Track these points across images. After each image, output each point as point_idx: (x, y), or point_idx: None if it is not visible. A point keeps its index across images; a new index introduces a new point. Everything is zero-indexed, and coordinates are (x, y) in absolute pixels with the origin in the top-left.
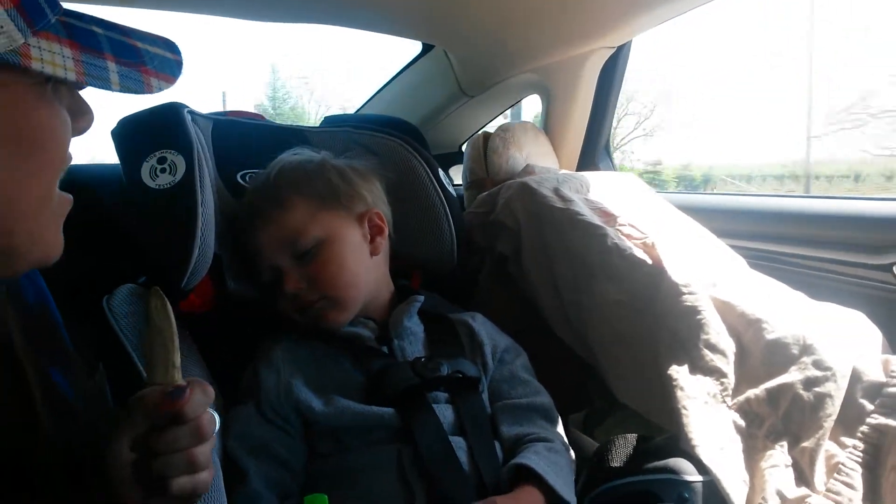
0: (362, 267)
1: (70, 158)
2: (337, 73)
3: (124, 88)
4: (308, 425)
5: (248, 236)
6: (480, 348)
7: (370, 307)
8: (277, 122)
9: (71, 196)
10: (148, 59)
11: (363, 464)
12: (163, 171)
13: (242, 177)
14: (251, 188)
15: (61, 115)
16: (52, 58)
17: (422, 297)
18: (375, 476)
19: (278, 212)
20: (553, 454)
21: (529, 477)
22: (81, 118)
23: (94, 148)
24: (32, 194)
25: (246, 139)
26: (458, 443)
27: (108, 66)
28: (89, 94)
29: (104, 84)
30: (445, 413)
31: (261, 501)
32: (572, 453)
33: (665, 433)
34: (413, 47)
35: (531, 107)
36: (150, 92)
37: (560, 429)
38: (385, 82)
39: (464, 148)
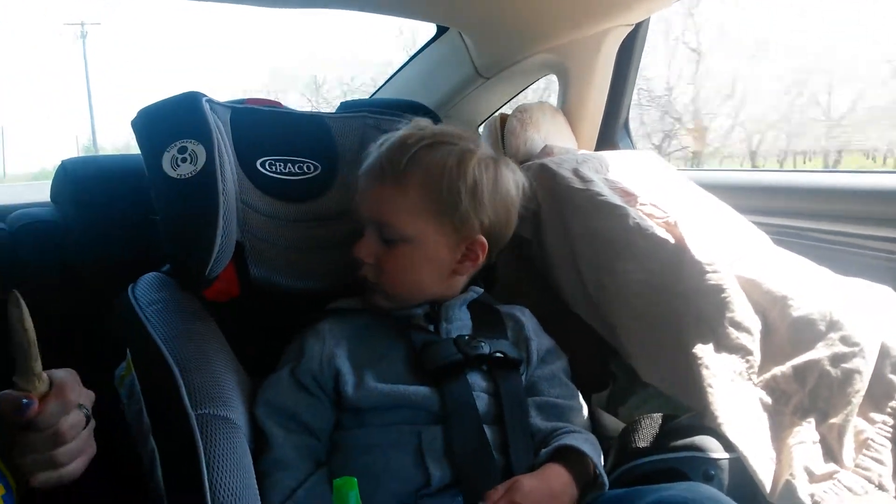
0: (433, 280)
1: None
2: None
3: None
4: (338, 397)
5: (361, 177)
6: (526, 343)
7: (430, 300)
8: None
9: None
10: None
11: (380, 441)
12: (184, 160)
13: (262, 164)
14: (394, 138)
15: None
16: None
17: (479, 290)
18: (392, 454)
19: (393, 187)
20: (589, 444)
21: (560, 456)
22: None
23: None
24: None
25: (264, 127)
26: (491, 433)
27: None
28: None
29: None
30: (483, 401)
31: (290, 468)
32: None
33: (690, 411)
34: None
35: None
36: None
37: (589, 428)
38: (400, 66)
39: (480, 130)
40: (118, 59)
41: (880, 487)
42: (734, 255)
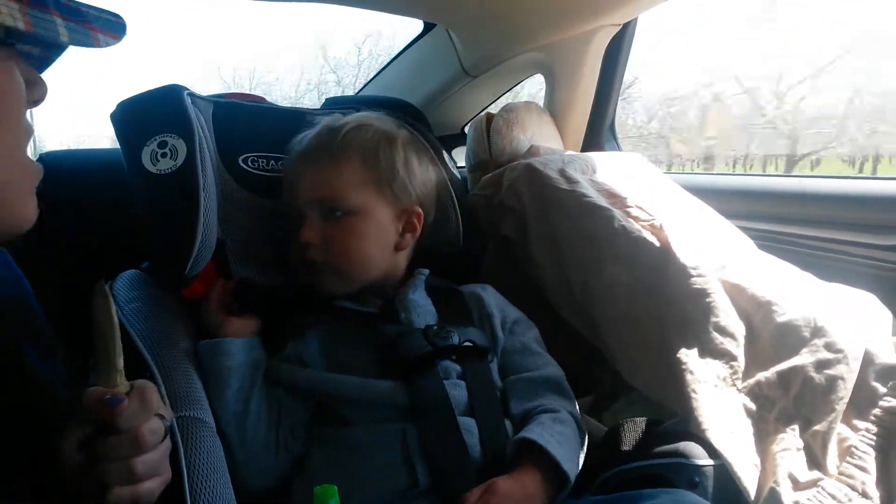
0: (379, 253)
1: (31, 127)
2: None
3: (73, 41)
4: (312, 394)
5: (290, 169)
6: (489, 319)
7: (377, 287)
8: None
9: (41, 166)
10: (93, 19)
11: (366, 442)
12: (163, 155)
13: (245, 160)
14: (319, 127)
15: (16, 80)
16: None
17: (426, 271)
18: (379, 455)
19: (331, 164)
20: (558, 424)
21: (531, 453)
22: (36, 88)
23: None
24: None
25: (248, 122)
26: (468, 424)
27: (55, 21)
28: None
29: (52, 35)
30: (456, 392)
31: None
32: (582, 424)
33: (674, 417)
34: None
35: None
36: (98, 46)
37: (571, 401)
38: (386, 63)
39: (467, 129)
40: None
41: (864, 495)
42: (719, 260)
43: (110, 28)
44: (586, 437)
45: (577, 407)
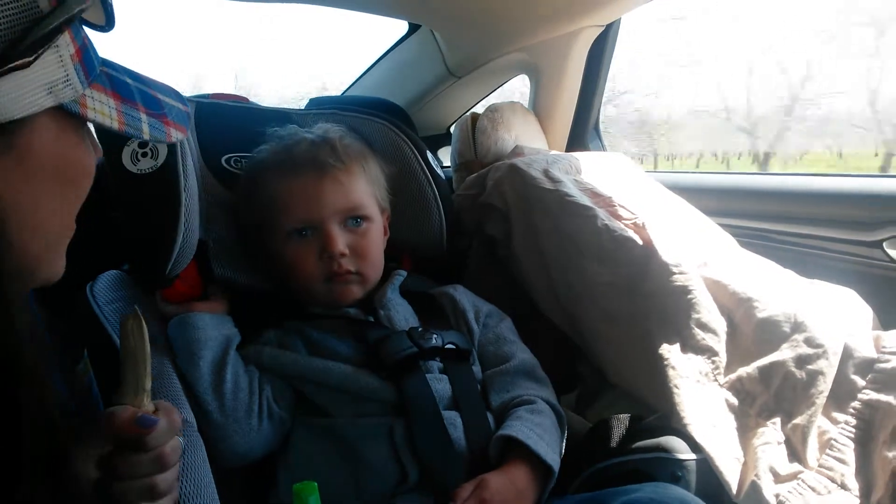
0: (382, 253)
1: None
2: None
3: (152, 138)
4: (297, 380)
5: (294, 186)
6: (463, 315)
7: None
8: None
9: (75, 225)
10: (167, 111)
11: (351, 435)
12: (144, 155)
13: (227, 161)
14: (311, 140)
15: (91, 154)
16: (102, 108)
17: (404, 273)
18: (368, 449)
19: (345, 175)
20: (536, 415)
21: (516, 448)
22: (96, 152)
23: None
24: (60, 223)
25: (230, 122)
26: (452, 418)
27: (140, 118)
28: None
29: (138, 133)
30: (439, 386)
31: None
32: (559, 409)
33: (657, 413)
34: (398, 28)
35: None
36: (170, 141)
37: (546, 386)
38: (371, 63)
39: (452, 129)
40: None
41: (843, 487)
42: (701, 257)
43: (180, 121)
44: (565, 420)
45: (552, 391)
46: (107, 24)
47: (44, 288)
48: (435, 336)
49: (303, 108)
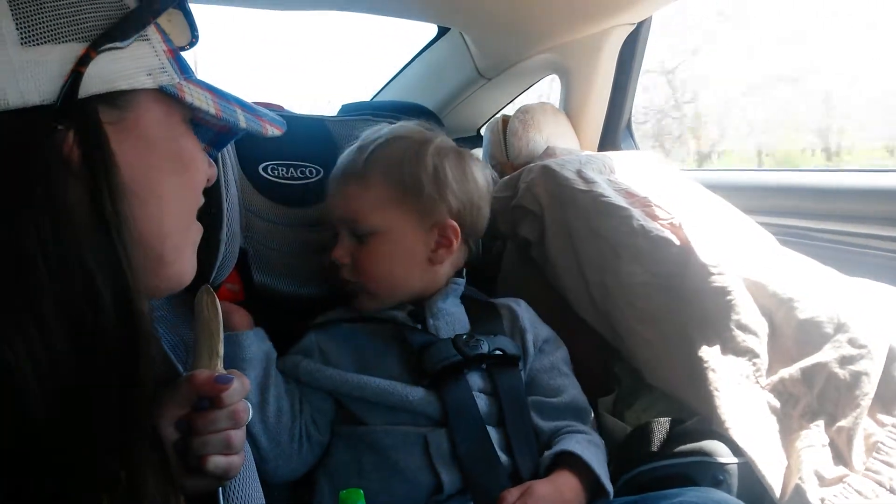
0: (410, 272)
1: (202, 198)
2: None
3: (249, 127)
4: (336, 396)
5: (328, 185)
6: (522, 334)
7: (416, 298)
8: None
9: (201, 226)
10: (263, 114)
11: (385, 443)
12: None
13: (265, 168)
14: (355, 143)
15: (202, 155)
16: (199, 96)
17: (461, 281)
18: (400, 457)
19: (355, 185)
20: (592, 446)
21: (568, 463)
22: (210, 168)
23: None
24: (181, 209)
25: None
26: (494, 433)
27: (236, 112)
28: None
29: (234, 120)
30: (483, 402)
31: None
32: (603, 449)
33: (696, 415)
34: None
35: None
36: (266, 134)
37: (594, 431)
38: (401, 67)
39: (482, 132)
40: None
41: (892, 491)
42: (740, 257)
43: (276, 123)
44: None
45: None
46: (192, 39)
47: None
48: (482, 342)
49: (336, 114)
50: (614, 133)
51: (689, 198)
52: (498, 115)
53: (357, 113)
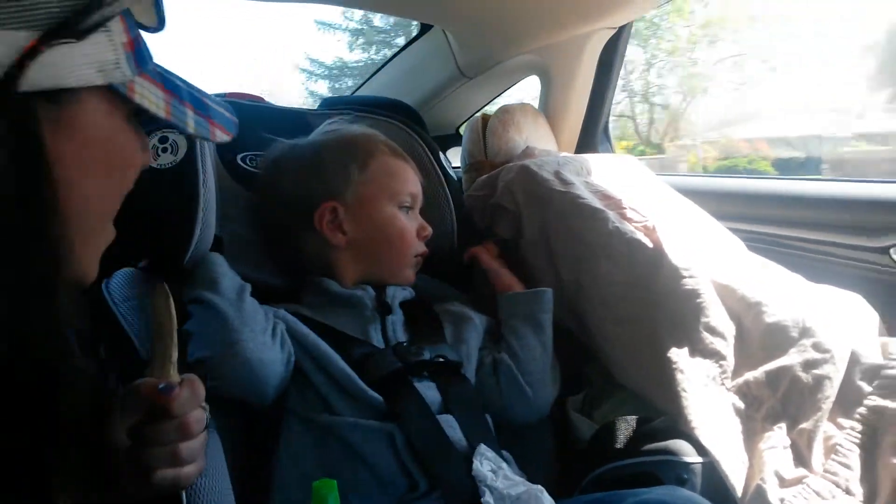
0: None
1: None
2: None
3: (196, 133)
4: (301, 364)
5: (397, 161)
6: (466, 343)
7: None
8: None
9: (115, 231)
10: (213, 115)
11: (353, 438)
12: (164, 150)
13: (243, 159)
14: (375, 137)
15: (138, 146)
16: (150, 95)
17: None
18: (369, 454)
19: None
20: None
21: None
22: (143, 153)
23: None
24: (100, 210)
25: (246, 121)
26: (448, 420)
27: (187, 113)
28: None
29: (182, 124)
30: (429, 393)
31: None
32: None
33: (664, 415)
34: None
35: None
36: (214, 140)
37: None
38: (382, 63)
39: (462, 130)
40: None
41: (847, 492)
42: (710, 261)
43: (225, 125)
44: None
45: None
46: (158, 24)
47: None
48: (423, 350)
49: (316, 108)
50: (592, 136)
51: (662, 201)
52: (478, 114)
53: (338, 107)
